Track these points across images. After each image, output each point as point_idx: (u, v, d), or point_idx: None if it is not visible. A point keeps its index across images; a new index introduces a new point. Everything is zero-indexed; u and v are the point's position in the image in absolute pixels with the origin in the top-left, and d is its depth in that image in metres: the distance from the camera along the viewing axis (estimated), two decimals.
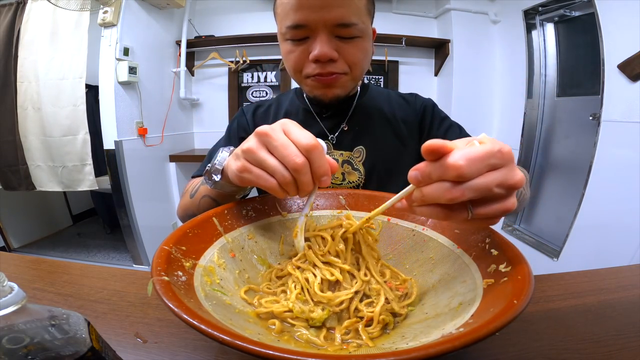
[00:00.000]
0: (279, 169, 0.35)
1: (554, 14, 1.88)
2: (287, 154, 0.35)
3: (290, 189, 0.36)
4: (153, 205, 2.06)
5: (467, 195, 0.27)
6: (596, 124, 1.57)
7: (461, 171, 0.26)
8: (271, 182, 0.36)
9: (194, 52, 2.28)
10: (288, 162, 0.35)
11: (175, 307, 0.24)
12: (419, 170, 0.29)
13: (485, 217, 0.29)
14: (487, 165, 0.27)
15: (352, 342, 0.32)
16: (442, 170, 0.27)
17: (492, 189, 0.27)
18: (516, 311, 0.24)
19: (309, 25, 0.54)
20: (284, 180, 0.36)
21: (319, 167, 0.36)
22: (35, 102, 1.82)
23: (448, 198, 0.27)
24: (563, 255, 1.74)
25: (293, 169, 0.35)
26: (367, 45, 0.60)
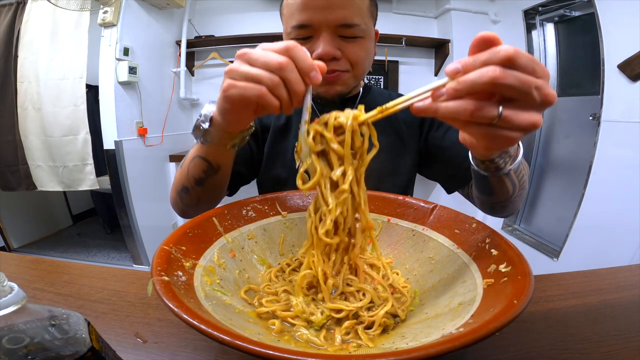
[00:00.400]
0: (264, 73, 0.35)
1: (554, 14, 1.88)
2: (269, 58, 0.34)
3: (280, 91, 0.35)
4: (153, 205, 2.06)
5: (509, 80, 0.26)
6: (596, 124, 1.57)
7: (511, 55, 0.26)
8: (259, 89, 0.35)
9: (194, 52, 2.28)
10: (271, 64, 0.34)
11: (175, 307, 0.24)
12: (460, 61, 0.28)
13: (511, 126, 0.29)
14: (532, 67, 0.27)
15: (352, 342, 0.32)
16: (490, 55, 0.27)
17: (531, 88, 0.27)
18: (516, 311, 0.24)
19: (313, 25, 0.56)
20: (272, 83, 0.34)
21: (303, 62, 0.35)
22: (35, 102, 1.82)
23: (490, 76, 0.26)
24: (563, 255, 1.74)
25: (277, 69, 0.34)
26: (368, 45, 0.61)
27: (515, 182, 0.46)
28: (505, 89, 0.27)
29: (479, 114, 0.28)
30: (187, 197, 0.55)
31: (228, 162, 0.51)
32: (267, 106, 0.36)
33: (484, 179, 0.46)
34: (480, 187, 0.50)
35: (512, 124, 0.29)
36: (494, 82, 0.26)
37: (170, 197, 0.61)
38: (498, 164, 0.42)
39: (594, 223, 1.58)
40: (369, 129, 0.36)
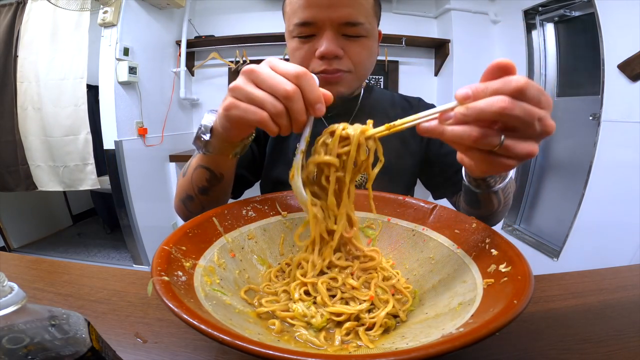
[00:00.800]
0: (268, 99, 0.34)
1: (554, 14, 1.88)
2: (276, 83, 0.34)
3: (282, 120, 0.35)
4: (153, 205, 2.06)
5: (516, 111, 0.27)
6: (596, 124, 1.57)
7: (522, 86, 0.27)
8: (261, 114, 0.35)
9: (194, 52, 2.28)
10: (277, 90, 0.34)
11: (175, 307, 0.24)
12: (471, 87, 0.29)
13: (510, 155, 0.30)
14: (539, 98, 0.29)
15: (351, 342, 0.32)
16: (502, 84, 0.28)
17: (535, 120, 0.28)
18: (516, 311, 0.24)
19: (316, 23, 0.55)
20: (275, 110, 0.34)
21: (310, 93, 0.34)
22: (35, 102, 1.82)
23: (500, 107, 0.27)
24: (563, 255, 1.74)
25: (284, 97, 0.34)
26: (372, 45, 0.60)
27: (501, 199, 0.50)
28: (510, 120, 0.28)
29: (482, 141, 0.29)
30: (192, 205, 0.56)
31: (231, 170, 0.53)
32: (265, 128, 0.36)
33: (473, 194, 0.50)
34: (469, 200, 0.53)
35: (511, 152, 0.30)
36: (501, 113, 0.28)
37: (175, 205, 0.61)
38: (489, 182, 0.46)
39: (594, 223, 1.58)
40: (375, 144, 0.36)
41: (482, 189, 0.47)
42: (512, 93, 0.28)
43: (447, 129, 0.30)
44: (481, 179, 0.46)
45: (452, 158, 0.67)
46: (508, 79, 0.28)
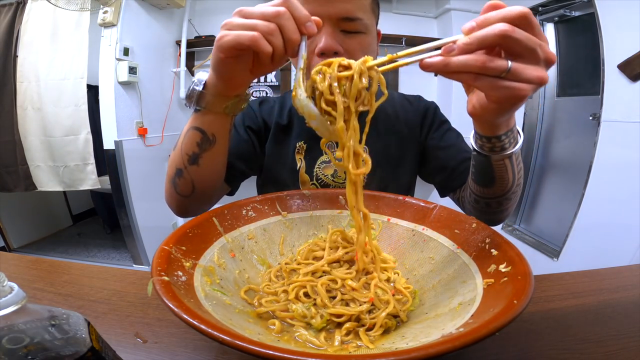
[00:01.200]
0: (259, 22, 0.35)
1: (554, 14, 1.88)
2: (265, 9, 0.35)
3: (275, 38, 0.35)
4: (153, 205, 2.06)
5: (517, 34, 0.29)
6: (596, 124, 1.57)
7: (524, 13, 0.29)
8: (252, 34, 0.35)
9: (194, 52, 2.27)
10: (267, 13, 0.35)
11: (175, 307, 0.24)
12: (475, 19, 0.30)
13: (521, 79, 0.31)
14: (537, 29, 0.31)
15: (351, 343, 0.32)
16: (504, 12, 0.30)
17: (537, 46, 0.30)
18: (516, 311, 0.24)
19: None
20: (267, 29, 0.35)
21: (299, 12, 0.36)
22: (35, 102, 1.82)
23: (501, 30, 0.29)
24: (563, 255, 1.74)
25: (274, 17, 0.35)
26: (371, 42, 0.60)
27: (515, 170, 0.48)
28: (513, 44, 0.30)
29: (489, 65, 0.30)
30: (182, 182, 0.52)
31: (223, 132, 0.50)
32: (260, 53, 0.36)
33: (487, 164, 0.47)
34: (482, 177, 0.50)
35: (521, 76, 0.31)
36: (503, 35, 0.29)
37: (165, 191, 0.57)
38: (504, 142, 0.43)
39: (594, 223, 1.58)
40: (378, 75, 0.35)
41: (496, 151, 0.44)
42: (515, 18, 0.29)
43: (453, 59, 0.30)
44: (495, 137, 0.43)
45: (454, 150, 0.67)
46: (509, 8, 0.30)
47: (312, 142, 0.68)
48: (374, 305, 0.35)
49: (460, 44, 0.30)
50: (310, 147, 0.68)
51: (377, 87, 0.35)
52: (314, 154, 0.68)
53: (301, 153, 0.68)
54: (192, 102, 0.47)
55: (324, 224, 0.50)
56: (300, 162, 0.68)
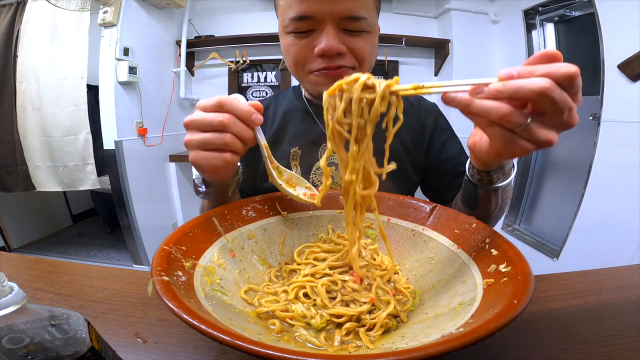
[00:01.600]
0: (214, 136, 0.38)
1: (554, 14, 1.88)
2: (210, 120, 0.38)
3: (235, 145, 0.39)
4: (153, 205, 2.06)
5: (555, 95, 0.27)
6: (596, 124, 1.57)
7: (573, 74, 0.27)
8: (220, 159, 0.39)
9: (194, 52, 2.28)
10: (214, 125, 0.38)
11: (175, 307, 0.24)
12: (516, 68, 0.29)
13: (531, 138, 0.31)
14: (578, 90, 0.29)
15: (351, 343, 0.32)
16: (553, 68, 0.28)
17: (566, 108, 0.29)
18: (516, 311, 0.24)
19: (315, 17, 0.51)
20: (224, 141, 0.38)
21: (240, 111, 0.39)
22: (34, 102, 1.82)
23: (541, 87, 0.27)
24: (563, 255, 1.74)
25: (223, 127, 0.38)
26: (374, 40, 0.57)
27: (499, 200, 0.49)
28: (547, 103, 0.28)
29: (509, 119, 0.29)
30: None
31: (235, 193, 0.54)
32: (232, 164, 0.40)
33: (473, 191, 0.49)
34: (467, 200, 0.52)
35: (533, 136, 0.30)
36: (541, 93, 0.27)
37: None
38: (491, 177, 0.45)
39: (594, 223, 1.57)
40: (398, 101, 0.34)
41: (483, 184, 0.46)
42: (561, 77, 0.28)
43: (476, 101, 0.30)
44: (485, 171, 0.44)
45: (451, 164, 0.66)
46: (560, 64, 0.28)
47: (308, 148, 0.66)
48: (374, 305, 0.35)
49: (492, 89, 0.29)
50: (305, 152, 0.66)
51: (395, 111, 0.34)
52: (309, 159, 0.66)
53: (296, 159, 0.66)
54: (202, 196, 0.50)
55: (324, 224, 0.50)
56: (296, 169, 0.66)
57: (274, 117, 0.70)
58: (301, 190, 0.47)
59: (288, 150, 0.66)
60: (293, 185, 0.47)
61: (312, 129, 0.67)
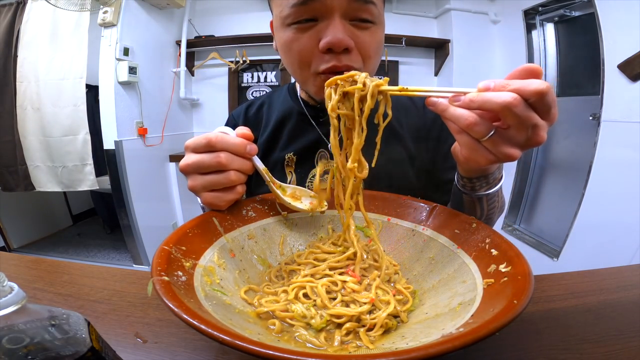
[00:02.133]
0: (219, 178, 0.40)
1: (554, 14, 1.88)
2: (208, 161, 0.39)
3: (240, 180, 0.41)
4: (153, 205, 2.06)
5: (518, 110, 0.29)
6: (596, 124, 1.57)
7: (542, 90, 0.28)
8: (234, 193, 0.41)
9: (194, 52, 2.28)
10: (213, 165, 0.39)
11: (175, 307, 0.24)
12: (495, 81, 0.31)
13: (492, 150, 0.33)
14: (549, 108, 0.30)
15: (351, 343, 0.32)
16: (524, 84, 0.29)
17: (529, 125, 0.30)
18: (516, 311, 0.24)
19: (320, 4, 0.45)
20: (228, 180, 0.40)
21: (233, 147, 0.40)
22: (34, 102, 1.82)
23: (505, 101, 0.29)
24: (563, 255, 1.74)
25: (222, 166, 0.39)
26: (381, 35, 0.52)
27: (485, 208, 0.49)
28: (509, 117, 0.30)
29: (474, 128, 0.32)
30: None
31: None
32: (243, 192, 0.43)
33: (459, 196, 0.49)
34: (454, 204, 0.53)
35: (495, 148, 0.33)
36: (504, 107, 0.29)
37: None
38: (474, 184, 0.45)
39: (594, 223, 1.58)
40: (385, 99, 0.37)
41: (467, 190, 0.47)
42: (529, 94, 0.29)
43: (450, 108, 0.33)
44: (467, 178, 0.45)
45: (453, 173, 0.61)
46: (532, 81, 0.29)
47: (303, 154, 0.62)
48: (374, 305, 0.35)
49: (466, 98, 0.31)
50: (300, 159, 0.62)
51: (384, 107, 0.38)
52: (305, 166, 0.62)
53: (291, 166, 0.63)
54: None
55: (324, 224, 0.50)
56: (291, 176, 0.62)
57: (268, 120, 0.66)
58: (307, 201, 0.47)
59: (282, 156, 0.63)
60: (299, 198, 0.47)
61: (308, 133, 0.63)
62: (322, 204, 0.46)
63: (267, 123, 0.66)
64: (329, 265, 0.40)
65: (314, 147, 0.63)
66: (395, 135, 0.63)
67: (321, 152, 0.63)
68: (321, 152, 0.63)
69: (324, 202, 0.47)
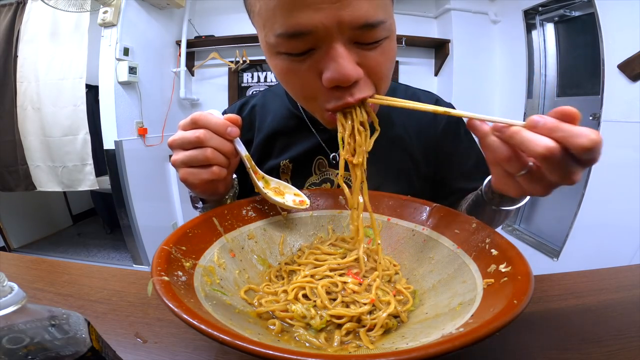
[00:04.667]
0: (195, 153, 0.39)
1: (554, 14, 1.88)
2: (188, 137, 0.39)
3: (219, 159, 0.40)
4: (153, 205, 2.06)
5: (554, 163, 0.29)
6: (596, 124, 1.57)
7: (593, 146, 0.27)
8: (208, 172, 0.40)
9: (194, 52, 2.28)
10: (192, 142, 0.39)
11: (175, 307, 0.24)
12: (544, 117, 0.30)
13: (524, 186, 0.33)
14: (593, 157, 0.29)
15: (351, 343, 0.32)
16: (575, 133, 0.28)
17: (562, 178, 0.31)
18: (516, 311, 0.24)
19: (315, 32, 0.35)
20: (205, 156, 0.39)
21: (215, 126, 0.40)
22: (35, 102, 1.82)
23: (544, 149, 0.28)
24: (563, 255, 1.74)
25: (200, 143, 0.39)
26: (394, 46, 0.42)
27: (500, 220, 0.50)
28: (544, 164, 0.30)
29: (509, 162, 0.32)
30: None
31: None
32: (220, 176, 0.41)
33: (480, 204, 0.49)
34: (471, 209, 0.52)
35: (526, 184, 0.33)
36: (541, 156, 0.29)
37: None
38: (503, 199, 0.45)
39: (594, 223, 1.58)
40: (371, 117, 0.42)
41: (494, 204, 0.46)
42: (576, 147, 0.28)
43: (491, 137, 0.33)
44: (498, 194, 0.44)
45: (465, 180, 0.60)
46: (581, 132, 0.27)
47: (300, 161, 0.59)
48: (375, 306, 0.35)
49: (507, 132, 0.31)
50: (297, 166, 0.59)
51: None
52: (302, 174, 0.59)
53: (287, 173, 0.60)
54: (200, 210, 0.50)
55: (324, 224, 0.50)
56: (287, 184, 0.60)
57: (262, 122, 0.62)
58: (290, 198, 0.47)
59: (277, 163, 0.60)
60: (282, 194, 0.47)
61: (306, 140, 0.60)
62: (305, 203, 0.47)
63: (260, 126, 0.62)
64: (330, 266, 0.40)
65: (311, 154, 0.60)
66: (400, 141, 0.60)
67: (319, 159, 0.60)
68: (319, 160, 0.60)
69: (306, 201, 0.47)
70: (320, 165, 0.60)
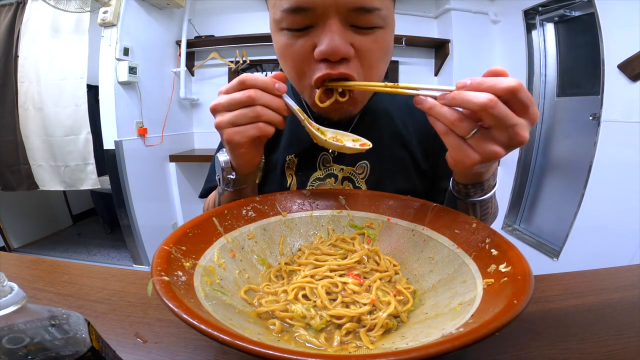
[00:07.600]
0: (245, 111, 0.40)
1: (554, 14, 1.88)
2: (238, 98, 0.40)
3: (268, 115, 0.41)
4: (153, 205, 2.06)
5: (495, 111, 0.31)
6: (596, 124, 1.57)
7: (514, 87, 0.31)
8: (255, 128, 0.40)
9: (194, 52, 2.28)
10: (243, 101, 0.40)
11: (175, 307, 0.24)
12: (470, 78, 0.33)
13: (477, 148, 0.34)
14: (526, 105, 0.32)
15: (351, 343, 0.32)
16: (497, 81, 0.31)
17: (508, 125, 0.32)
18: (516, 311, 0.24)
19: (314, 9, 0.41)
20: (255, 113, 0.40)
21: (262, 84, 0.40)
22: (36, 102, 1.82)
23: (482, 102, 0.31)
24: (563, 255, 1.74)
25: (251, 101, 0.40)
26: (389, 39, 0.46)
27: (477, 214, 0.49)
28: (488, 117, 0.32)
29: (456, 125, 0.34)
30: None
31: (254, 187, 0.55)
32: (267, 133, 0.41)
33: (452, 201, 0.50)
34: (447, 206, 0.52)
35: (479, 146, 0.34)
36: (482, 108, 0.31)
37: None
38: (468, 191, 0.46)
39: (594, 223, 1.58)
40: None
41: (461, 196, 0.47)
42: (503, 91, 0.31)
43: (437, 106, 0.35)
44: (462, 184, 0.46)
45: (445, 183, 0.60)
46: (503, 78, 0.31)
47: (305, 156, 0.60)
48: (375, 306, 0.35)
49: (449, 96, 0.33)
50: (302, 161, 0.60)
51: None
52: (307, 169, 0.60)
53: (292, 168, 0.60)
54: (229, 185, 0.50)
55: (324, 224, 0.50)
56: (291, 179, 0.60)
57: None
58: (349, 144, 0.46)
59: (282, 157, 0.60)
60: (340, 141, 0.47)
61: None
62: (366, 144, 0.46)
63: None
64: (330, 267, 0.40)
65: (316, 149, 0.60)
66: (400, 137, 0.61)
67: (324, 155, 0.61)
68: (323, 156, 0.61)
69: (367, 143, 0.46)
70: (325, 161, 0.60)
